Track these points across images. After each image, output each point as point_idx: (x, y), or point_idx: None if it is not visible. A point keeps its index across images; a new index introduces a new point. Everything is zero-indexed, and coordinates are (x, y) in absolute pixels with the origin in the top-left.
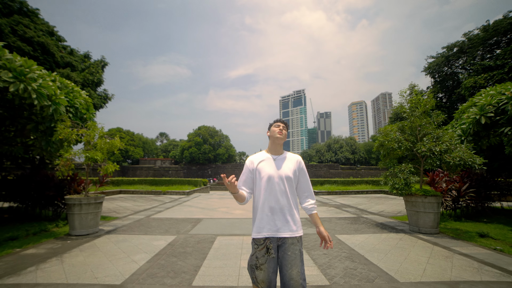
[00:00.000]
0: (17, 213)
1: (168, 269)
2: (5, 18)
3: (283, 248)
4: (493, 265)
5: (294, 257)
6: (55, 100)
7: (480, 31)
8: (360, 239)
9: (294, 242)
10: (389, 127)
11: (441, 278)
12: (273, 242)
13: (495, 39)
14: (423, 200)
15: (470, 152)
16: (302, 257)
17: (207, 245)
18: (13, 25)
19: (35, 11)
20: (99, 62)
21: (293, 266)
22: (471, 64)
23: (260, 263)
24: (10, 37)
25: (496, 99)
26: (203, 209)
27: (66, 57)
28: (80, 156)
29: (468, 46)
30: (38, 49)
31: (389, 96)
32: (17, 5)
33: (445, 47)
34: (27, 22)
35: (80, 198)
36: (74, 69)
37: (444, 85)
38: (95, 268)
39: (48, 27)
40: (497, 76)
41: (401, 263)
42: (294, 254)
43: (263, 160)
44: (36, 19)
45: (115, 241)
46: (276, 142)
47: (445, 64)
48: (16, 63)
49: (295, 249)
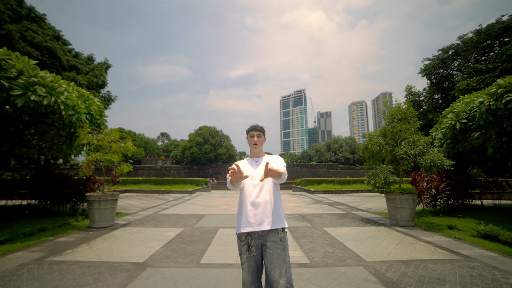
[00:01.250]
0: (36, 210)
1: (180, 252)
2: (15, 24)
3: (265, 247)
4: (446, 249)
5: (276, 255)
6: (77, 109)
7: (473, 34)
8: (344, 231)
9: (276, 240)
10: (373, 132)
11: (400, 258)
12: (255, 239)
13: (488, 42)
14: (400, 197)
15: (440, 155)
16: (288, 257)
17: (211, 235)
18: (22, 31)
19: (42, 17)
20: (102, 64)
21: (275, 266)
22: (465, 67)
23: (242, 261)
24: (20, 43)
25: (470, 106)
26: (205, 206)
27: (71, 61)
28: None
29: (462, 49)
30: (45, 54)
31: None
32: (25, 11)
33: (441, 50)
34: (35, 28)
35: (99, 195)
36: (79, 72)
37: (440, 86)
38: (119, 251)
39: (54, 31)
40: (488, 79)
41: (373, 248)
42: (276, 252)
43: (246, 164)
44: (43, 24)
45: (131, 232)
46: (253, 151)
47: (441, 66)
48: (47, 79)
49: (277, 247)
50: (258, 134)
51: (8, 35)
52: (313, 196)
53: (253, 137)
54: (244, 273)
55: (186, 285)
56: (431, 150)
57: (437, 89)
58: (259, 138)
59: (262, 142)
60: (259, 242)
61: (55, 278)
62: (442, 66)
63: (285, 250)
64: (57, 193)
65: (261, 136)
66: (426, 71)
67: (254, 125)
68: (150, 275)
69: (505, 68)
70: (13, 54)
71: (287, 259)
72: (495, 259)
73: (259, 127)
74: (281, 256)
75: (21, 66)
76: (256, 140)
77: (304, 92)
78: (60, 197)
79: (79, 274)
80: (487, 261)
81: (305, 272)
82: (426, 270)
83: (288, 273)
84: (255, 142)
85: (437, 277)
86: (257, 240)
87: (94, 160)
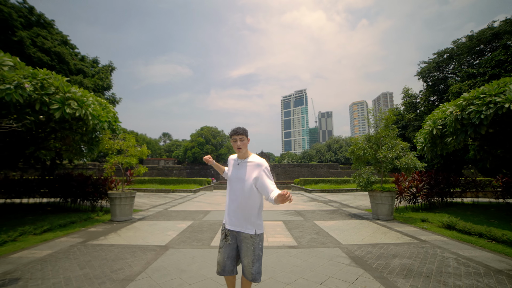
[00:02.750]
0: (57, 206)
1: (193, 238)
2: (26, 31)
3: (239, 240)
4: (410, 236)
5: (246, 249)
6: (100, 118)
7: (466, 39)
8: (331, 223)
9: (247, 237)
10: (359, 137)
11: (370, 242)
12: (231, 232)
13: (481, 46)
14: (380, 194)
15: (414, 158)
16: (258, 251)
17: (217, 226)
18: (33, 37)
19: (51, 23)
20: (107, 67)
21: (244, 256)
22: (458, 71)
23: (220, 246)
24: (31, 48)
25: (445, 114)
26: (210, 203)
27: (78, 64)
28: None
29: (456, 53)
30: (55, 59)
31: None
32: (35, 17)
33: (436, 53)
34: (44, 34)
35: (119, 193)
36: (85, 75)
37: (436, 89)
38: (143, 238)
39: (62, 36)
40: (479, 83)
41: (351, 236)
42: (246, 246)
43: (233, 161)
44: (52, 30)
45: (148, 224)
46: (238, 154)
47: (436, 69)
48: (78, 94)
49: (247, 242)
50: (241, 138)
51: (21, 41)
52: (310, 195)
53: (236, 141)
54: (219, 255)
55: (201, 259)
56: (407, 154)
57: (433, 92)
58: (242, 141)
59: (245, 144)
60: (235, 234)
61: (101, 254)
62: (438, 69)
63: (255, 246)
64: (79, 192)
65: (244, 139)
66: (422, 74)
67: (235, 129)
68: (172, 253)
69: (494, 73)
70: (50, 73)
71: (256, 252)
72: (444, 242)
73: (240, 130)
74: (249, 250)
75: (57, 84)
76: (239, 144)
77: (305, 92)
78: (81, 195)
79: (118, 252)
80: (437, 243)
81: (292, 251)
82: (386, 250)
83: (256, 264)
84: (238, 146)
85: (392, 254)
86: (233, 233)
87: (116, 163)
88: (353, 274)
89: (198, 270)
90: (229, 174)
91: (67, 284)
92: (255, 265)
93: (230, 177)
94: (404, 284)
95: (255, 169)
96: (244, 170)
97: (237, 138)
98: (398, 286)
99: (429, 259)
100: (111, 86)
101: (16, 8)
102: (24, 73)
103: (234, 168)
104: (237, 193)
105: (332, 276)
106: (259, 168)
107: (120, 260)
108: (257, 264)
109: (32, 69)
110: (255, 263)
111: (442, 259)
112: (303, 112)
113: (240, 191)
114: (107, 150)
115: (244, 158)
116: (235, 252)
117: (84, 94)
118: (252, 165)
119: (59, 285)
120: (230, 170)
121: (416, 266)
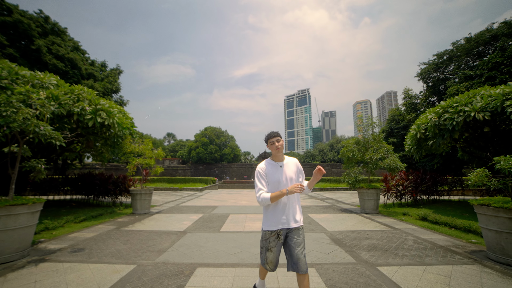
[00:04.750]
0: (80, 202)
1: (205, 226)
2: (42, 39)
3: (290, 235)
4: (387, 225)
5: (301, 241)
6: (123, 125)
7: (465, 41)
8: (322, 216)
9: (299, 228)
10: (349, 140)
11: (351, 229)
12: (283, 231)
13: (480, 48)
14: (367, 191)
15: (395, 159)
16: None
17: (224, 218)
18: (48, 45)
19: (64, 30)
20: (115, 70)
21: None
22: (456, 72)
23: (271, 246)
24: (47, 56)
25: (427, 119)
26: (216, 200)
27: (88, 69)
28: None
29: (455, 55)
30: (68, 65)
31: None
32: (50, 26)
33: (436, 55)
34: (59, 41)
35: (140, 189)
36: (95, 79)
37: (436, 89)
38: (164, 226)
39: (74, 43)
40: (476, 85)
41: (337, 225)
42: (300, 238)
43: (271, 167)
44: (65, 37)
45: (165, 216)
46: (277, 155)
47: (436, 70)
48: (106, 106)
49: (300, 234)
50: (278, 139)
51: (38, 49)
52: (309, 193)
53: (273, 143)
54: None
55: (214, 240)
56: (390, 155)
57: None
58: (279, 142)
59: (282, 144)
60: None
61: (134, 236)
62: (437, 70)
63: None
64: (102, 189)
65: (280, 140)
66: (422, 75)
67: (271, 133)
68: (190, 236)
69: (491, 75)
70: (83, 88)
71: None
72: (413, 229)
73: (276, 132)
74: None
75: (90, 97)
76: (278, 145)
77: (308, 91)
78: (104, 192)
79: (147, 235)
80: (406, 230)
81: None
82: (362, 234)
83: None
84: (277, 147)
85: (365, 237)
86: (284, 231)
87: (137, 164)
88: (330, 249)
89: (212, 246)
90: (274, 178)
91: (119, 252)
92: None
93: (274, 180)
94: (365, 255)
95: (295, 167)
96: (290, 169)
97: (274, 140)
98: (361, 256)
99: (393, 240)
100: (119, 89)
101: (34, 18)
102: (64, 90)
103: (277, 171)
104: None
105: (314, 250)
106: (296, 164)
107: (151, 240)
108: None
109: (69, 85)
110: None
111: (404, 240)
112: (307, 111)
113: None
114: (129, 153)
115: (283, 159)
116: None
117: (111, 105)
118: (292, 164)
119: (114, 253)
120: (271, 175)
121: (381, 244)
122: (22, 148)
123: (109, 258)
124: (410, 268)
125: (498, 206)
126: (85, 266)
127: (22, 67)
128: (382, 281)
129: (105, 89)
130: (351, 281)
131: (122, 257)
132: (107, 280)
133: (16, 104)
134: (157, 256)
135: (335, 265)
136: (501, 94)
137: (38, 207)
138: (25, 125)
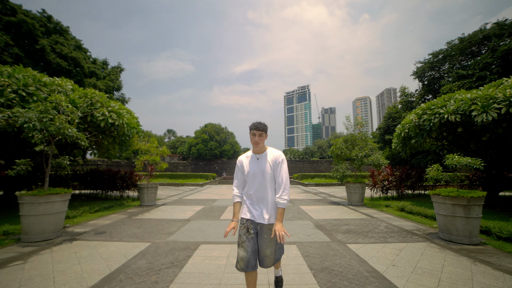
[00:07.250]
0: (88, 196)
1: (206, 215)
2: (45, 38)
3: (261, 232)
4: (367, 215)
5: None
6: (131, 125)
7: (458, 41)
8: (312, 207)
9: (270, 228)
10: (338, 139)
11: (334, 218)
12: (253, 224)
13: (473, 48)
14: (353, 185)
15: (379, 157)
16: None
17: (223, 208)
18: (52, 44)
19: (66, 29)
20: (116, 68)
21: (267, 247)
22: (450, 71)
23: (241, 240)
24: (51, 55)
25: (410, 120)
26: (216, 194)
27: (91, 67)
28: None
29: (450, 54)
30: (71, 63)
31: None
32: (53, 25)
33: (431, 54)
34: (62, 40)
35: (146, 183)
36: (98, 77)
37: (432, 87)
38: (170, 215)
39: (76, 41)
40: (467, 84)
41: (323, 214)
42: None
43: (249, 158)
44: (67, 36)
45: (170, 207)
46: (255, 147)
47: (431, 69)
48: (116, 107)
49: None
50: (260, 134)
51: (42, 49)
52: (305, 188)
53: (255, 135)
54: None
55: (214, 225)
56: (375, 153)
57: (429, 90)
58: (261, 137)
59: (263, 139)
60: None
61: (146, 223)
62: (432, 69)
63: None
64: (111, 183)
65: (263, 135)
66: (418, 73)
67: (256, 124)
68: (194, 223)
69: (481, 74)
70: (95, 92)
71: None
72: (388, 218)
73: (261, 125)
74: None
75: (101, 100)
76: (258, 139)
77: (308, 88)
78: (112, 186)
79: (156, 222)
80: (382, 218)
81: None
82: (342, 222)
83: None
84: (256, 141)
85: (345, 223)
86: (255, 226)
87: (144, 160)
88: (312, 232)
89: (213, 230)
90: (247, 170)
91: (135, 234)
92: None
93: (249, 172)
94: (340, 236)
95: (273, 161)
96: (266, 162)
97: (256, 133)
98: (336, 237)
99: (367, 226)
100: (121, 87)
101: (37, 18)
102: (79, 94)
103: (254, 163)
104: (261, 183)
105: (298, 233)
106: (276, 159)
107: (160, 225)
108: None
109: (83, 89)
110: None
111: (377, 226)
112: (306, 108)
113: (264, 181)
114: (136, 150)
115: (262, 152)
116: (257, 246)
117: (120, 106)
118: (271, 157)
119: (131, 235)
120: (247, 167)
121: (356, 229)
122: (52, 147)
123: (128, 238)
124: (373, 245)
125: (445, 195)
126: (110, 243)
127: (42, 74)
128: (347, 254)
129: (107, 87)
130: (323, 253)
131: (138, 237)
132: (129, 253)
133: (52, 112)
134: (167, 237)
135: (313, 243)
136: (469, 99)
137: (68, 196)
138: (59, 129)
